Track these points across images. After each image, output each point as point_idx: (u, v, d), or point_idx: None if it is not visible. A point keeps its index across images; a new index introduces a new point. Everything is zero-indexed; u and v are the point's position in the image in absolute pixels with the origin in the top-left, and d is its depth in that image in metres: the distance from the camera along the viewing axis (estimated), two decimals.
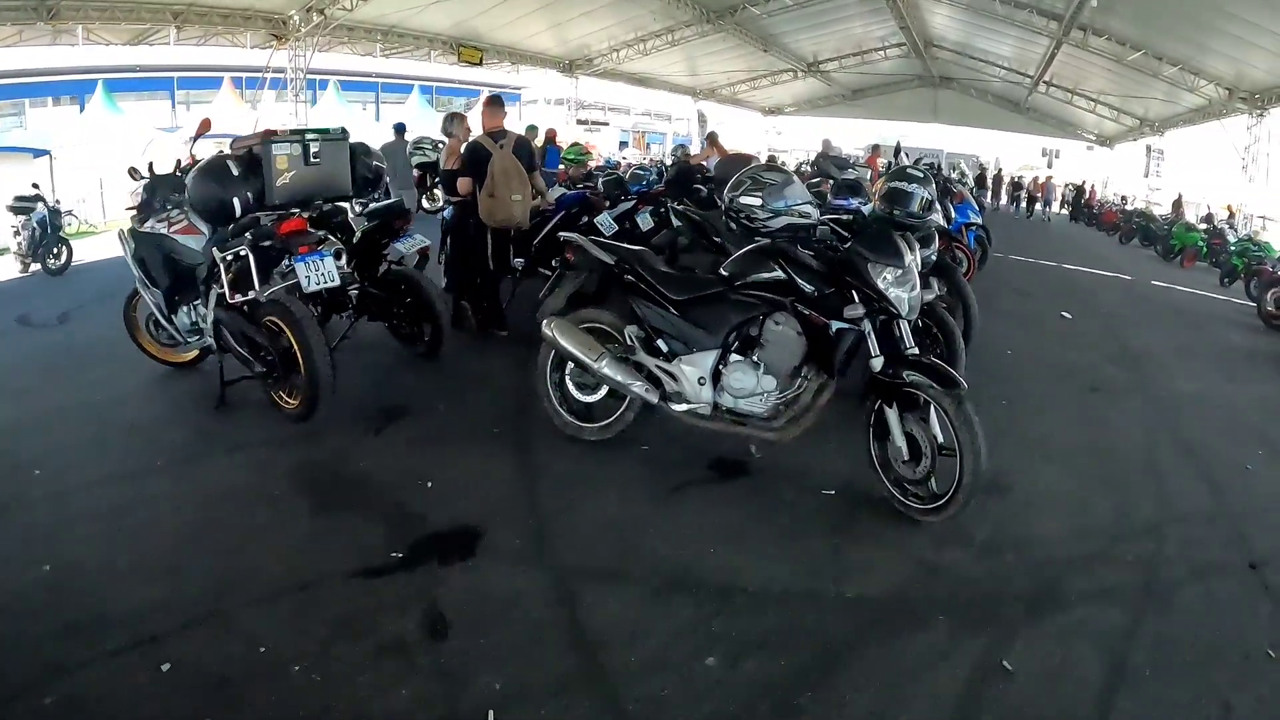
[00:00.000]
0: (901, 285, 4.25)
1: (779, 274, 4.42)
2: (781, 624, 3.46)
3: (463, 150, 7.43)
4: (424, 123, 28.00)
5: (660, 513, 4.39)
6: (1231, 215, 24.09)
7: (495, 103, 7.52)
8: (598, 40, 28.55)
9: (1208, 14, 18.42)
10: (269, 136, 5.59)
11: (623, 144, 42.70)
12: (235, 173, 5.47)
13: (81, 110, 24.44)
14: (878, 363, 4.32)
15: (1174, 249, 21.37)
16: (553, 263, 6.53)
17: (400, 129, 15.05)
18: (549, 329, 4.97)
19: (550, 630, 3.36)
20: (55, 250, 11.44)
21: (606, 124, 43.27)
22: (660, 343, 4.80)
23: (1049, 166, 40.18)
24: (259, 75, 22.76)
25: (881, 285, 4.21)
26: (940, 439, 4.19)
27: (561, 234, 5.51)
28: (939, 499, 4.21)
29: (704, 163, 13.00)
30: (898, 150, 11.37)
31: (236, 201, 5.41)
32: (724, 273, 4.61)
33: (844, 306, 4.28)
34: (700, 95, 38.19)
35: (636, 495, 4.57)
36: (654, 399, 4.76)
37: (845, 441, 4.85)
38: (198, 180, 5.47)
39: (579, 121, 38.20)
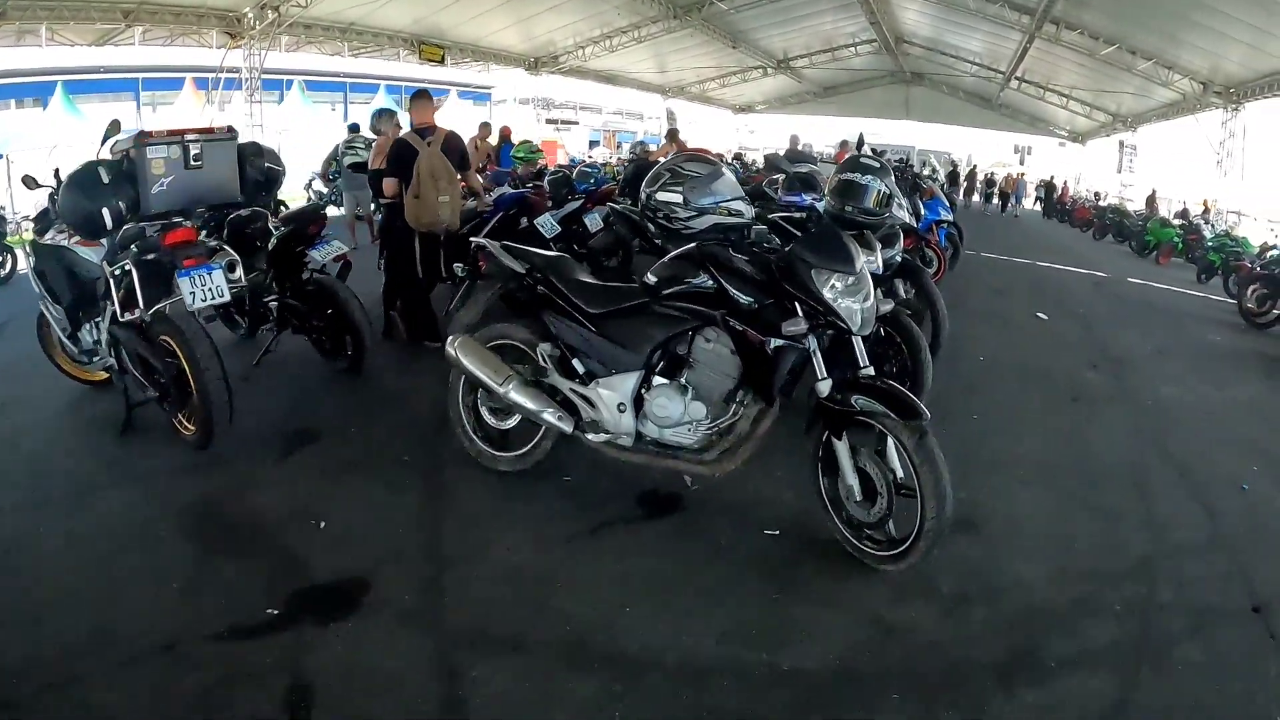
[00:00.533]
0: (852, 295, 3.62)
1: (708, 283, 3.79)
2: (698, 710, 2.85)
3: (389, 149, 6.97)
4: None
5: (575, 560, 3.80)
6: (1207, 211, 23.86)
7: (422, 97, 7.08)
8: (563, 37, 27.95)
9: (1182, 6, 18.16)
10: (143, 139, 4.94)
11: (593, 143, 42.15)
12: (105, 180, 4.87)
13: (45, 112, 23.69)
14: (824, 386, 3.67)
15: (1149, 245, 21.07)
16: (455, 269, 5.93)
17: (355, 129, 14.35)
18: (452, 348, 4.38)
19: (424, 713, 2.80)
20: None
21: (576, 123, 42.87)
22: (576, 363, 4.20)
23: (1021, 163, 40.38)
24: (216, 75, 22.04)
25: (828, 295, 3.57)
26: (900, 475, 3.57)
27: (472, 239, 4.89)
28: (898, 544, 3.59)
29: (661, 159, 12.39)
30: (860, 143, 10.75)
31: (106, 212, 4.80)
32: (646, 282, 3.98)
33: (784, 321, 3.63)
34: (669, 93, 37.76)
35: (551, 537, 3.97)
36: (567, 428, 4.17)
37: (795, 467, 4.16)
38: (65, 190, 4.93)
39: (548, 121, 37.91)
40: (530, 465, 4.50)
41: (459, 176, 6.87)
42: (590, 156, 27.59)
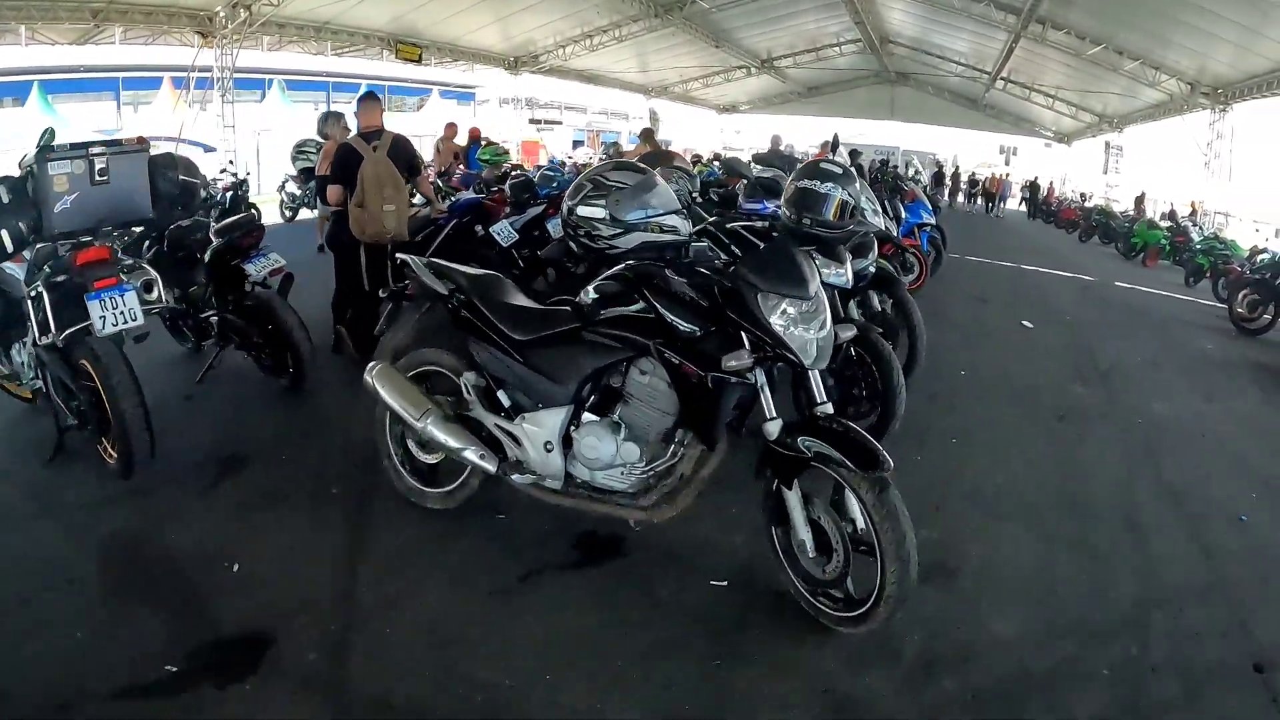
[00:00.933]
0: (805, 323, 3.14)
1: (643, 308, 3.36)
2: None
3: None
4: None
5: (498, 614, 3.37)
6: (1194, 212, 23.58)
7: (370, 99, 6.69)
8: (543, 36, 27.44)
9: (1169, 6, 17.84)
10: (46, 154, 4.52)
11: (577, 143, 41.67)
12: (5, 200, 4.51)
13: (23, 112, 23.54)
14: (773, 428, 3.22)
15: (1136, 247, 20.78)
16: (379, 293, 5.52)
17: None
18: (370, 377, 3.96)
19: None
20: None
21: (560, 123, 42.44)
22: (502, 395, 3.79)
23: (1007, 164, 40.16)
24: (190, 75, 21.36)
25: (776, 324, 3.09)
26: (859, 527, 3.12)
27: (398, 255, 4.44)
28: (857, 605, 3.16)
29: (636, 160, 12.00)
30: (834, 144, 10.31)
31: (5, 234, 4.46)
32: (580, 304, 3.56)
33: (727, 352, 3.17)
34: (652, 93, 37.27)
35: (475, 586, 3.55)
36: (491, 468, 3.74)
37: (751, 504, 3.68)
38: None
39: (531, 120, 37.47)
40: (459, 503, 4.08)
41: (408, 183, 6.54)
42: (571, 157, 27.09)
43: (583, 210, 3.64)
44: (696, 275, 3.38)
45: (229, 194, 13.88)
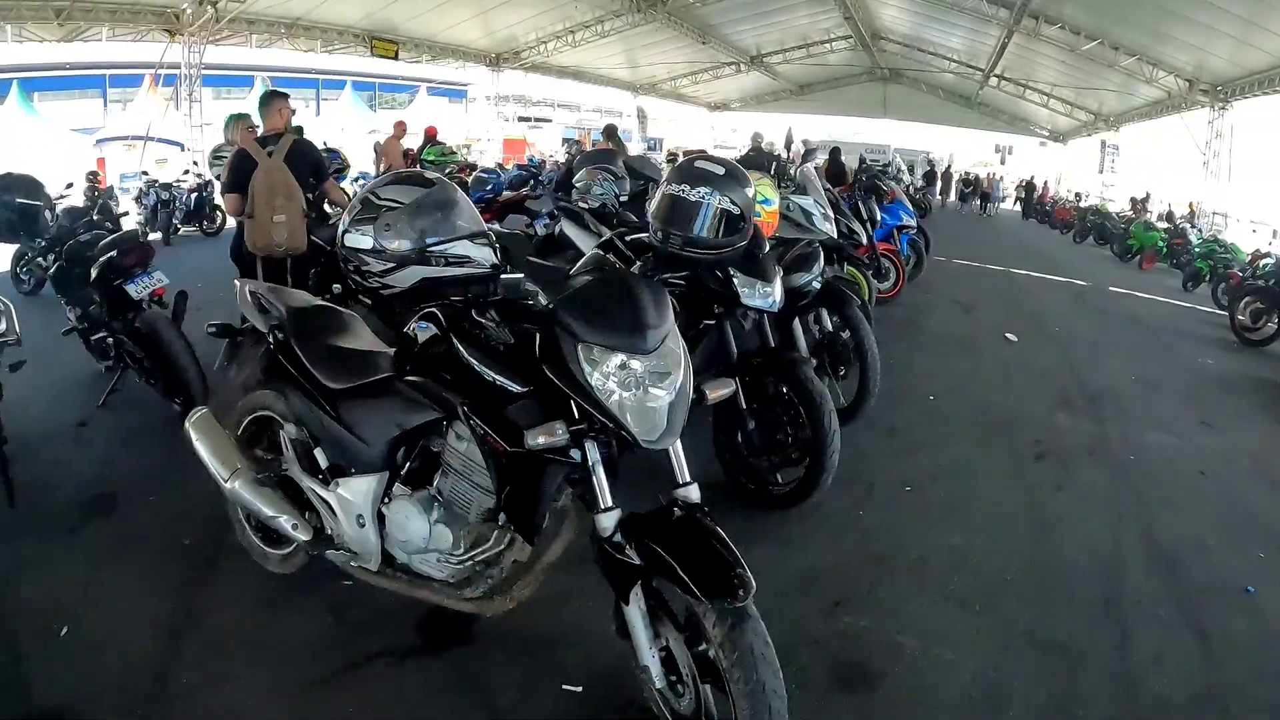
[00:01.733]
0: (642, 385, 2.29)
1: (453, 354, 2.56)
2: None
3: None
4: (357, 122, 26.59)
5: (309, 712, 2.77)
6: (1192, 213, 22.86)
7: (273, 98, 6.16)
8: (524, 31, 27.00)
9: None
10: None
11: (568, 140, 41.15)
12: None
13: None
14: (607, 521, 2.36)
15: (1132, 249, 20.03)
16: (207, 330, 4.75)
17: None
18: (189, 425, 3.31)
19: None
20: None
21: (549, 120, 41.84)
22: (319, 453, 3.05)
23: (1002, 163, 39.82)
24: (159, 72, 20.99)
25: (596, 386, 2.26)
26: (716, 658, 2.27)
27: (235, 280, 3.68)
28: None
29: None
30: (788, 141, 9.40)
31: None
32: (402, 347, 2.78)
33: (548, 419, 2.35)
34: (640, 90, 36.98)
35: (294, 673, 2.93)
36: (304, 537, 3.03)
37: None
38: None
39: (520, 118, 36.92)
40: (297, 568, 3.39)
41: (313, 190, 6.05)
42: (551, 155, 26.34)
43: (349, 239, 2.83)
44: (518, 314, 2.57)
45: (194, 195, 13.31)
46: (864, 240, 8.02)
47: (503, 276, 2.72)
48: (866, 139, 33.49)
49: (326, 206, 6.78)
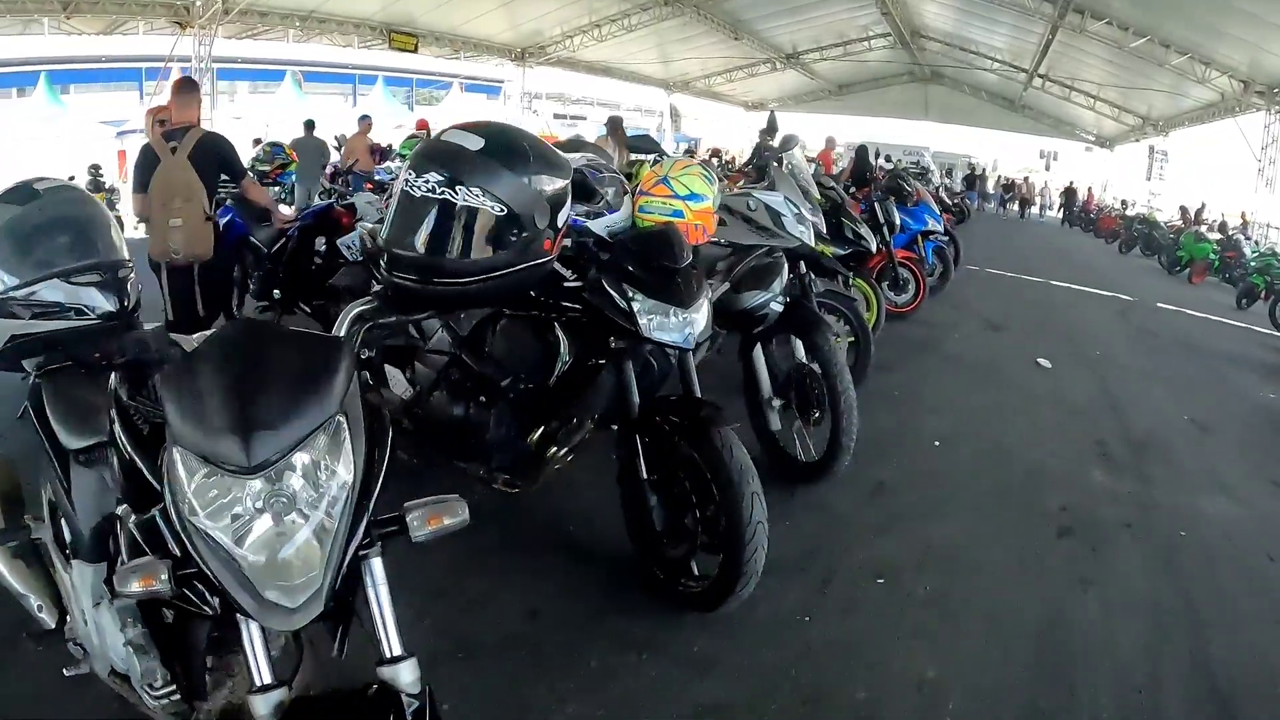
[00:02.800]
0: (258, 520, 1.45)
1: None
2: None
3: None
4: (388, 117, 26.19)
5: None
6: (1244, 224, 21.66)
7: (184, 87, 5.62)
8: (549, 25, 26.30)
9: None
10: None
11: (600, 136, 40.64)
12: None
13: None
14: (263, 708, 1.52)
15: (1180, 261, 18.93)
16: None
17: (310, 125, 12.95)
18: None
19: None
20: None
21: (584, 118, 41.27)
22: (65, 524, 2.25)
23: (1047, 169, 38.80)
24: (169, 66, 20.34)
25: (196, 530, 1.43)
26: None
27: None
28: None
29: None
30: (771, 127, 8.23)
31: None
32: None
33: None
34: (674, 87, 36.10)
35: None
36: (49, 623, 2.33)
37: None
38: None
39: (556, 115, 36.42)
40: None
41: (227, 189, 5.76)
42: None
43: None
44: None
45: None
46: (873, 248, 7.03)
47: (133, 331, 1.87)
48: (907, 141, 33.01)
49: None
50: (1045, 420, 6.38)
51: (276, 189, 13.75)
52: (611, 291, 3.17)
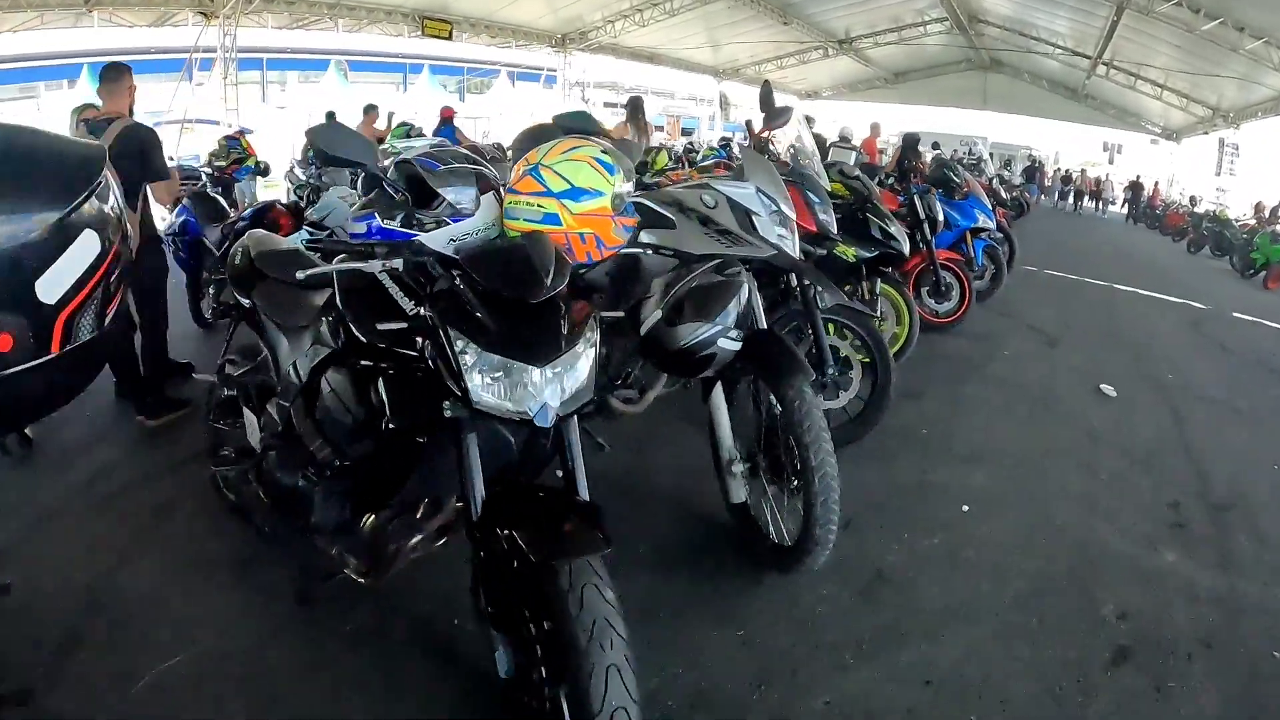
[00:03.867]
0: None
1: None
2: None
3: None
4: (433, 106, 25.79)
5: None
6: None
7: (112, 72, 5.14)
8: (589, 10, 25.65)
9: None
10: None
11: (658, 128, 40.03)
12: None
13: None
14: None
15: (1255, 264, 17.62)
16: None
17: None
18: None
19: None
20: None
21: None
22: None
23: (1110, 162, 37.44)
24: (194, 56, 20.47)
25: None
26: None
27: None
28: None
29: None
30: (766, 97, 6.41)
31: None
32: None
33: None
34: (724, 75, 35.31)
35: None
36: None
37: None
38: None
39: (606, 104, 36.07)
40: None
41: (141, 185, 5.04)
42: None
43: None
44: None
45: None
46: (904, 249, 5.87)
47: None
48: (964, 132, 32.20)
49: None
50: (1105, 471, 5.10)
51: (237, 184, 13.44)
52: (441, 336, 2.23)
